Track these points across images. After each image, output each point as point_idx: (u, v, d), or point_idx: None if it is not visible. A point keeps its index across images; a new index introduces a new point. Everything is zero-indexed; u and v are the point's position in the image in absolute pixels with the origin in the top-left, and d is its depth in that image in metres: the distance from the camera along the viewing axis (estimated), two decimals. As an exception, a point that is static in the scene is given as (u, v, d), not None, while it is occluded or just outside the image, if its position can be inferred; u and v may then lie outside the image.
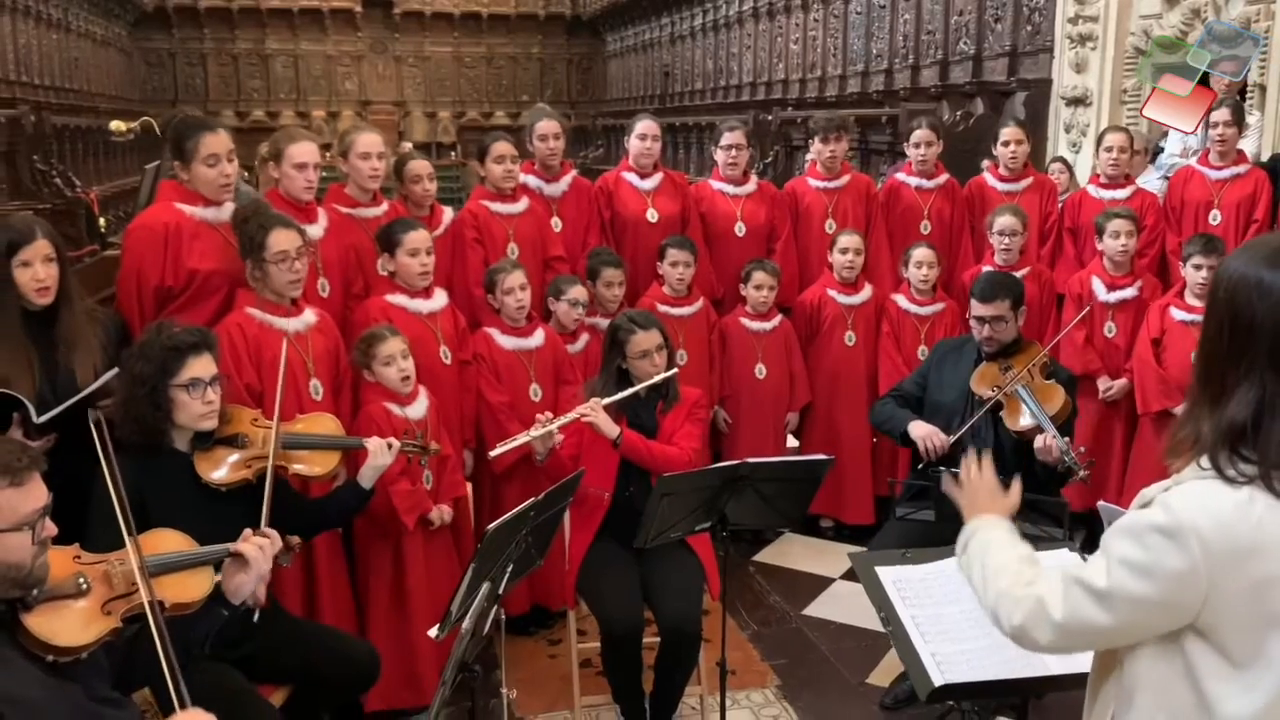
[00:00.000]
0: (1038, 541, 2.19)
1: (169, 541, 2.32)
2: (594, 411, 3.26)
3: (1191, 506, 1.32)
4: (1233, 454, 1.32)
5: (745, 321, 4.78)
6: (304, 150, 3.59)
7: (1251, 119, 6.27)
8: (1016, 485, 1.81)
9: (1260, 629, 1.32)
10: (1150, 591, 1.34)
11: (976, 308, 3.59)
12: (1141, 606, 1.36)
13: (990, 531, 1.68)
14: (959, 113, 8.78)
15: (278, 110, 19.13)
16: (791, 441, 5.05)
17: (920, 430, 3.56)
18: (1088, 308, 4.17)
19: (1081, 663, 1.92)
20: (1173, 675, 1.40)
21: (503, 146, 4.38)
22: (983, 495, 1.79)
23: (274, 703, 2.73)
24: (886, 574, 2.02)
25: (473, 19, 20.16)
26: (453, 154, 18.28)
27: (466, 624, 2.15)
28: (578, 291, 4.12)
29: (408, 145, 15.52)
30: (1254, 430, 1.30)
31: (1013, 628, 1.51)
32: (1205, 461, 1.35)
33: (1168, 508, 1.34)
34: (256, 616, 2.46)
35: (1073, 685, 1.98)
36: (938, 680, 1.84)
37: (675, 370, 3.43)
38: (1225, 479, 1.32)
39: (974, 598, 1.99)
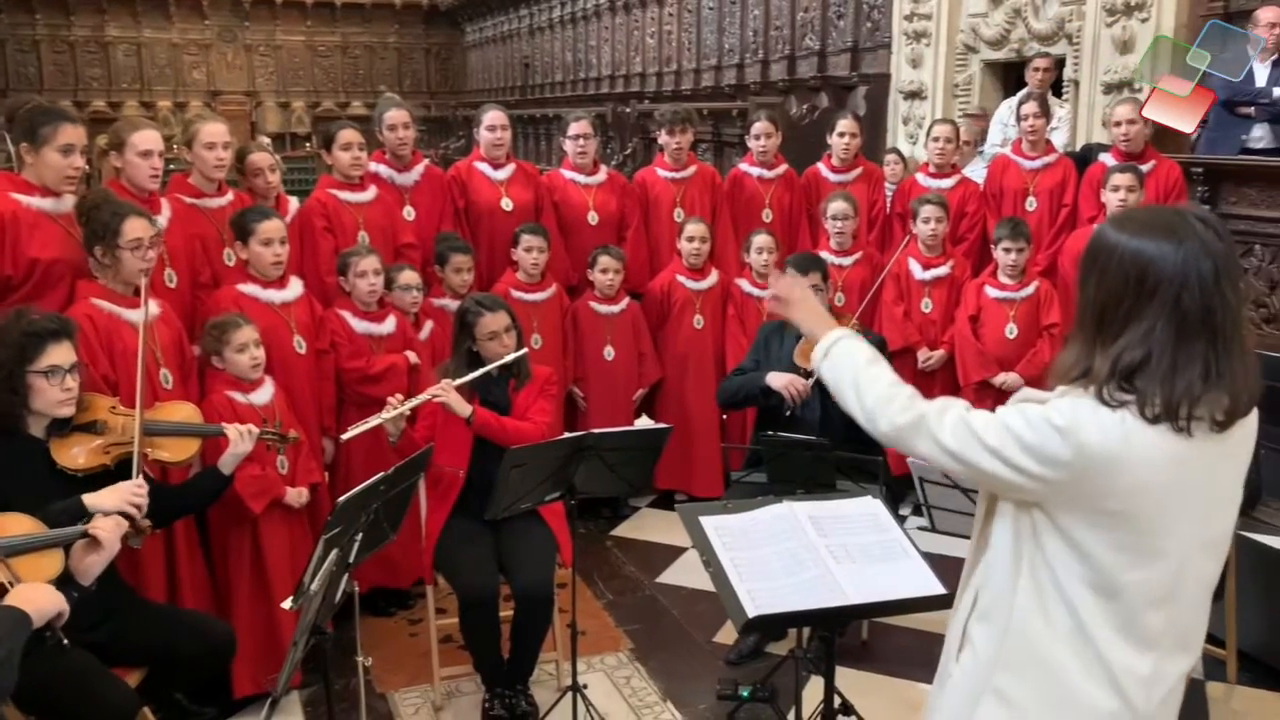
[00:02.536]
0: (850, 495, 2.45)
1: (16, 525, 2.35)
2: (445, 392, 3.38)
3: (1080, 415, 1.56)
4: (1118, 386, 1.56)
5: (594, 305, 4.96)
6: (148, 138, 3.58)
7: (1061, 110, 6.78)
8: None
9: (1092, 522, 1.59)
10: (1025, 463, 1.59)
11: None
12: (1011, 467, 1.61)
13: (852, 342, 1.83)
14: (805, 106, 9.15)
15: (120, 100, 18.33)
16: (647, 422, 5.25)
17: (780, 380, 3.77)
18: (907, 241, 4.53)
19: (879, 593, 2.17)
20: (1022, 536, 1.68)
21: (349, 135, 4.43)
22: (810, 310, 1.93)
23: (129, 683, 2.77)
24: (709, 522, 2.22)
25: (325, 7, 19.74)
26: (307, 145, 17.89)
27: (315, 586, 2.25)
28: (407, 277, 4.18)
29: (265, 139, 15.09)
30: (1144, 366, 1.55)
31: (895, 427, 1.71)
32: (1089, 388, 1.59)
33: (1061, 411, 1.58)
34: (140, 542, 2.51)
35: (874, 613, 2.23)
36: (751, 612, 2.04)
37: (525, 350, 3.57)
38: (1102, 402, 1.56)
39: (788, 535, 2.21)
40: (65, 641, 2.14)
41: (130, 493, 2.58)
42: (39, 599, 2.11)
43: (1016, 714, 1.68)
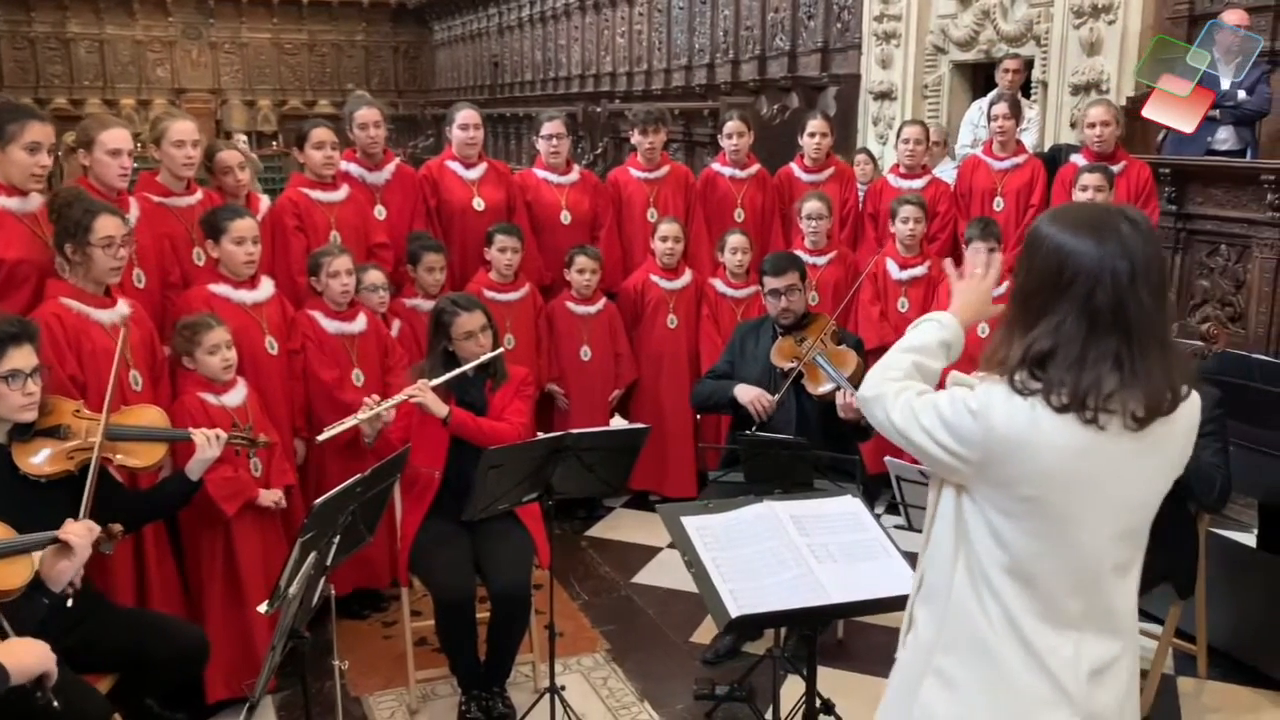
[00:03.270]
0: (830, 494, 2.46)
1: (-16, 530, 2.30)
2: (422, 392, 3.35)
3: (993, 400, 1.63)
4: (1029, 374, 1.62)
5: (570, 305, 4.94)
6: (118, 136, 3.53)
7: (1031, 112, 6.85)
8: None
9: (1009, 509, 1.65)
10: (948, 442, 1.67)
11: (771, 282, 3.89)
12: (939, 445, 1.69)
13: (927, 325, 1.89)
14: (776, 106, 9.18)
15: (82, 98, 18.09)
16: (620, 422, 5.23)
17: (748, 394, 3.81)
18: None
19: (861, 591, 2.18)
20: (959, 521, 1.74)
21: (321, 133, 4.39)
22: (968, 296, 1.92)
23: (100, 690, 2.72)
24: (691, 522, 2.22)
25: (292, 4, 19.57)
26: (274, 143, 17.73)
27: (293, 590, 2.22)
28: (372, 277, 4.13)
29: (241, 138, 14.85)
30: (1050, 357, 1.60)
31: (863, 398, 1.84)
32: (1003, 375, 1.66)
33: (977, 395, 1.65)
34: (71, 603, 2.45)
35: (856, 612, 2.25)
36: (734, 612, 2.05)
37: (501, 350, 3.55)
38: (1014, 389, 1.62)
39: (769, 535, 2.22)
40: (56, 704, 2.07)
41: (84, 537, 2.49)
42: (23, 655, 2.04)
43: (957, 695, 1.72)
